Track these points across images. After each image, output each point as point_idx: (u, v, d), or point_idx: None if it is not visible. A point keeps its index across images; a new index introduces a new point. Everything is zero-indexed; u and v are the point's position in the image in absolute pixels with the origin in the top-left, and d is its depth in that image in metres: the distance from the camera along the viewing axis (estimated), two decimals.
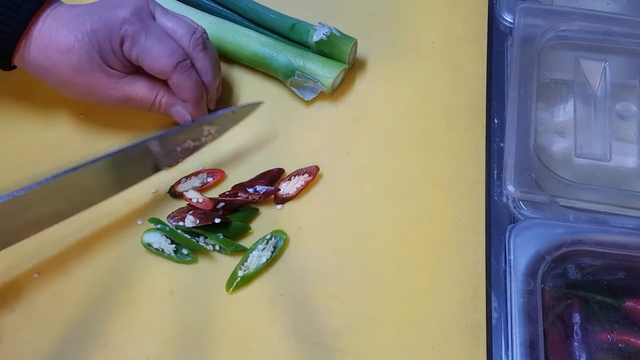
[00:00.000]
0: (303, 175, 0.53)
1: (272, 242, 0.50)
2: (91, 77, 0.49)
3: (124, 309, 0.48)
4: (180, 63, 0.49)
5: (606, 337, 0.48)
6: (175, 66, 0.49)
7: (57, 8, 0.49)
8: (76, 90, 0.51)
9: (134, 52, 0.49)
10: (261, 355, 0.47)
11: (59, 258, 0.50)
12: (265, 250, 0.50)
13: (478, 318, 0.48)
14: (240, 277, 0.49)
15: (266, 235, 0.50)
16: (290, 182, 0.53)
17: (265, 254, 0.49)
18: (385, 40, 0.62)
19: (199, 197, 0.50)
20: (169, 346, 0.47)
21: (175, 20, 0.51)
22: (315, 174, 0.53)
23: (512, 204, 0.53)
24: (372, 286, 0.49)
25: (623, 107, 0.58)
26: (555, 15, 0.61)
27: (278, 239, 0.50)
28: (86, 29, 0.48)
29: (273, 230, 0.51)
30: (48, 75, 0.50)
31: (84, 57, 0.48)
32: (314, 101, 0.58)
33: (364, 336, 0.47)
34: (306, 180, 0.52)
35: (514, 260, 0.49)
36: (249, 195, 0.51)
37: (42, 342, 0.46)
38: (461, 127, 0.57)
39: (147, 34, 0.48)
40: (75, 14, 0.49)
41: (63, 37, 0.48)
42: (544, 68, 0.59)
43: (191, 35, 0.50)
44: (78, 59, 0.48)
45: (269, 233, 0.51)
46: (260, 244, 0.50)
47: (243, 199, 0.51)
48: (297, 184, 0.52)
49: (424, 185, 0.54)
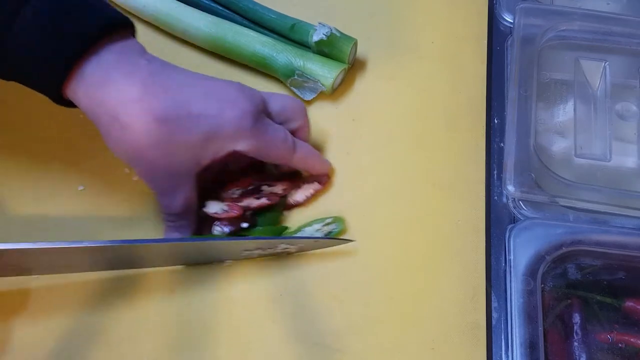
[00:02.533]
0: (312, 183, 0.52)
1: (329, 227, 0.51)
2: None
3: (124, 309, 0.48)
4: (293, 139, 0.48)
5: (606, 337, 0.48)
6: (294, 145, 0.48)
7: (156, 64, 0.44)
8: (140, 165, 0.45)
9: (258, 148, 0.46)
10: (261, 355, 0.47)
11: None
12: (318, 232, 0.50)
13: (478, 318, 0.48)
14: None
15: (327, 218, 0.51)
16: (300, 189, 0.52)
17: (318, 235, 0.50)
18: (385, 40, 0.62)
19: (222, 206, 0.49)
20: (169, 346, 0.47)
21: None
22: (325, 182, 0.53)
23: (512, 204, 0.53)
24: (372, 286, 0.49)
25: (623, 107, 0.58)
26: (555, 15, 0.61)
27: (336, 227, 0.51)
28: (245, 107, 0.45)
29: (335, 216, 0.51)
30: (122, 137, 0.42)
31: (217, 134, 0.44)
32: (314, 101, 0.58)
33: (363, 336, 0.47)
34: (315, 189, 0.52)
35: (514, 260, 0.49)
36: (269, 196, 0.50)
37: (42, 342, 0.46)
38: (461, 127, 0.57)
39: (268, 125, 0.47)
40: (193, 77, 0.45)
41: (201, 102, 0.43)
42: (544, 68, 0.59)
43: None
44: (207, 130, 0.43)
45: (331, 217, 0.51)
46: (317, 223, 0.50)
47: (264, 202, 0.50)
48: (307, 192, 0.52)
49: (424, 185, 0.54)
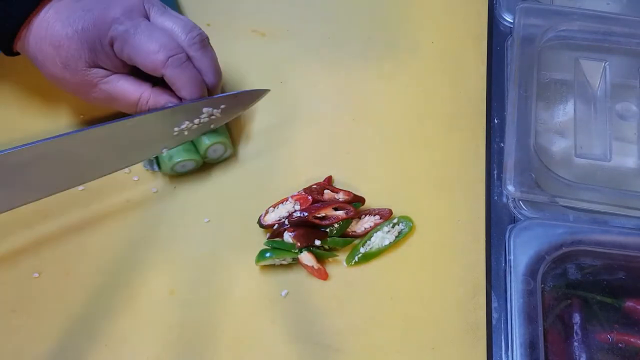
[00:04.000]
0: (374, 216, 0.52)
1: (398, 227, 0.51)
2: (76, 75, 0.49)
3: (124, 309, 0.48)
4: (172, 57, 0.48)
5: (606, 337, 0.48)
6: (166, 61, 0.47)
7: (61, 0, 0.49)
8: (65, 86, 0.50)
9: (125, 52, 0.48)
10: (261, 355, 0.47)
11: (58, 258, 0.50)
12: (389, 234, 0.50)
13: (478, 318, 0.48)
14: (362, 254, 0.49)
15: (393, 219, 0.51)
16: (361, 220, 0.51)
17: (389, 237, 0.50)
18: (385, 40, 0.62)
19: (314, 263, 0.49)
20: (169, 346, 0.47)
21: (173, 19, 0.50)
22: (388, 217, 0.52)
23: (512, 204, 0.53)
24: (372, 286, 0.49)
25: (623, 107, 0.58)
26: (555, 15, 0.61)
27: (404, 226, 0.51)
28: (77, 26, 0.47)
29: (401, 215, 0.51)
30: (41, 67, 0.50)
31: (71, 54, 0.48)
32: (313, 100, 0.58)
33: (364, 336, 0.47)
34: (375, 222, 0.51)
35: (514, 260, 0.49)
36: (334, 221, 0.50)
37: (42, 342, 0.46)
38: (461, 126, 0.57)
39: (136, 32, 0.47)
40: (72, 10, 0.48)
41: (56, 32, 0.48)
42: (544, 68, 0.59)
43: (187, 34, 0.49)
44: (66, 55, 0.48)
45: (396, 217, 0.51)
46: (385, 225, 0.50)
47: (342, 215, 0.50)
48: (366, 224, 0.51)
49: (424, 185, 0.54)
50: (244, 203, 0.53)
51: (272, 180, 0.54)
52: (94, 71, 0.49)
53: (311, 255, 0.49)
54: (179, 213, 0.52)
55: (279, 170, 0.55)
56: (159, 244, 0.51)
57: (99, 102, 0.51)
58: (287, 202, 0.51)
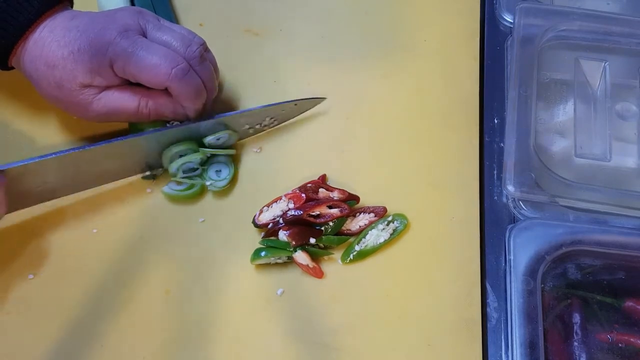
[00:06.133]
0: (369, 214, 0.51)
1: (393, 224, 0.50)
2: (70, 95, 0.49)
3: (120, 309, 0.48)
4: (175, 68, 0.48)
5: (606, 337, 0.47)
6: (170, 72, 0.47)
7: (57, 19, 0.49)
8: (59, 104, 0.51)
9: (127, 71, 0.48)
10: (259, 354, 0.46)
11: (53, 259, 0.50)
12: (384, 231, 0.50)
13: (473, 314, 0.48)
14: (357, 252, 0.50)
15: (388, 216, 0.51)
16: (356, 218, 0.51)
17: (384, 234, 0.50)
18: (379, 39, 0.62)
19: (309, 262, 0.49)
20: (165, 346, 0.46)
21: (169, 33, 0.49)
22: (383, 214, 0.51)
23: (512, 204, 0.53)
24: (367, 284, 0.49)
25: (623, 107, 0.58)
26: (555, 15, 0.60)
27: (399, 223, 0.51)
28: (74, 48, 0.47)
29: (395, 213, 0.51)
30: (37, 86, 0.50)
31: (65, 75, 0.48)
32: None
33: (361, 334, 0.47)
34: (370, 220, 0.51)
35: (514, 260, 0.49)
36: (328, 218, 0.50)
37: (38, 344, 0.46)
38: (455, 124, 0.57)
39: (135, 50, 0.47)
40: (67, 29, 0.48)
41: (52, 52, 0.47)
42: (544, 68, 0.59)
43: (186, 48, 0.49)
44: (60, 75, 0.48)
45: (391, 214, 0.51)
46: (380, 223, 0.50)
47: (336, 213, 0.50)
48: (361, 222, 0.51)
49: (418, 182, 0.54)
50: (238, 202, 0.53)
51: (267, 180, 0.54)
52: (86, 90, 0.49)
53: (306, 254, 0.49)
54: (174, 213, 0.52)
55: (274, 169, 0.54)
56: (154, 243, 0.51)
57: (99, 118, 0.51)
58: (281, 201, 0.51)
